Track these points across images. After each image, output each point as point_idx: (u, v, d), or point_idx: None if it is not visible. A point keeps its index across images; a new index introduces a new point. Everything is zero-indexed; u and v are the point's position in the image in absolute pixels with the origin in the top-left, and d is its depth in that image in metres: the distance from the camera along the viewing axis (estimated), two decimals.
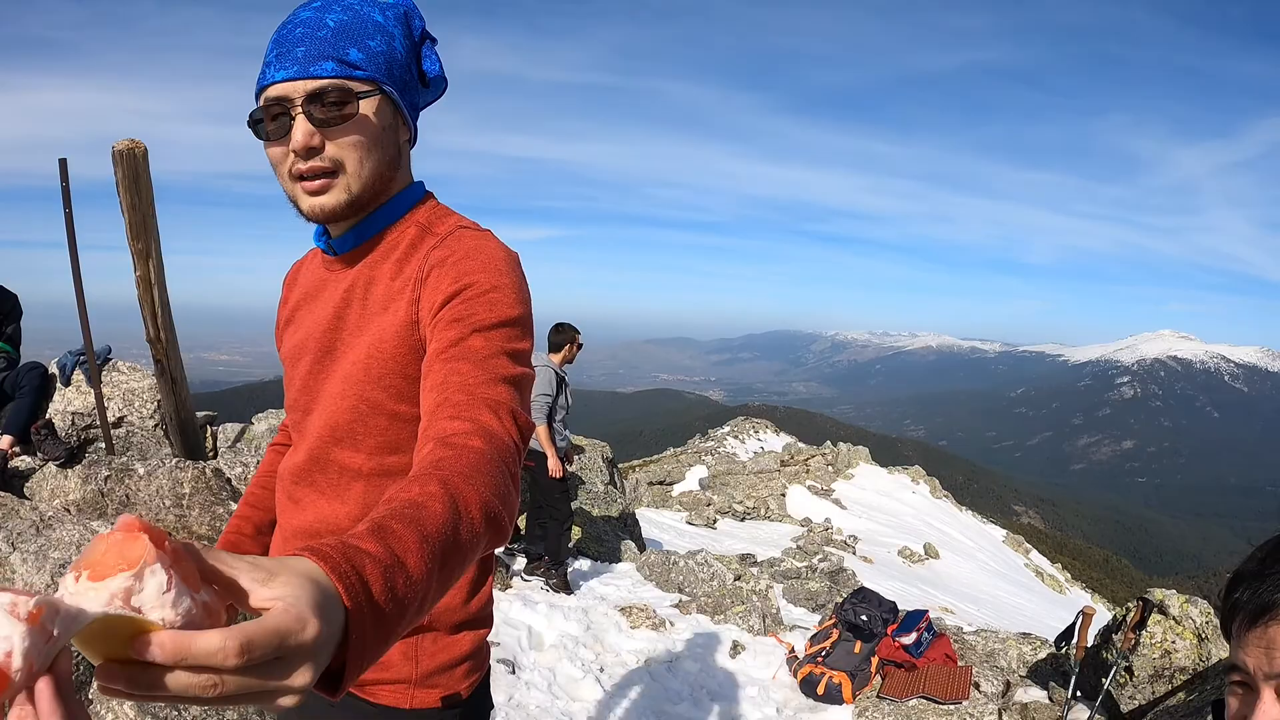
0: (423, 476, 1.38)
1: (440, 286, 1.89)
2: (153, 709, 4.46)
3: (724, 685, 7.36)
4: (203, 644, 0.85)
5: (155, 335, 7.18)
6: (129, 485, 6.69)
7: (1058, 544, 79.90)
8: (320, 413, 2.09)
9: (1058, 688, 6.97)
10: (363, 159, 1.91)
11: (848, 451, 30.72)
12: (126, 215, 6.72)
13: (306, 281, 2.23)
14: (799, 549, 18.42)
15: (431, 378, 1.78)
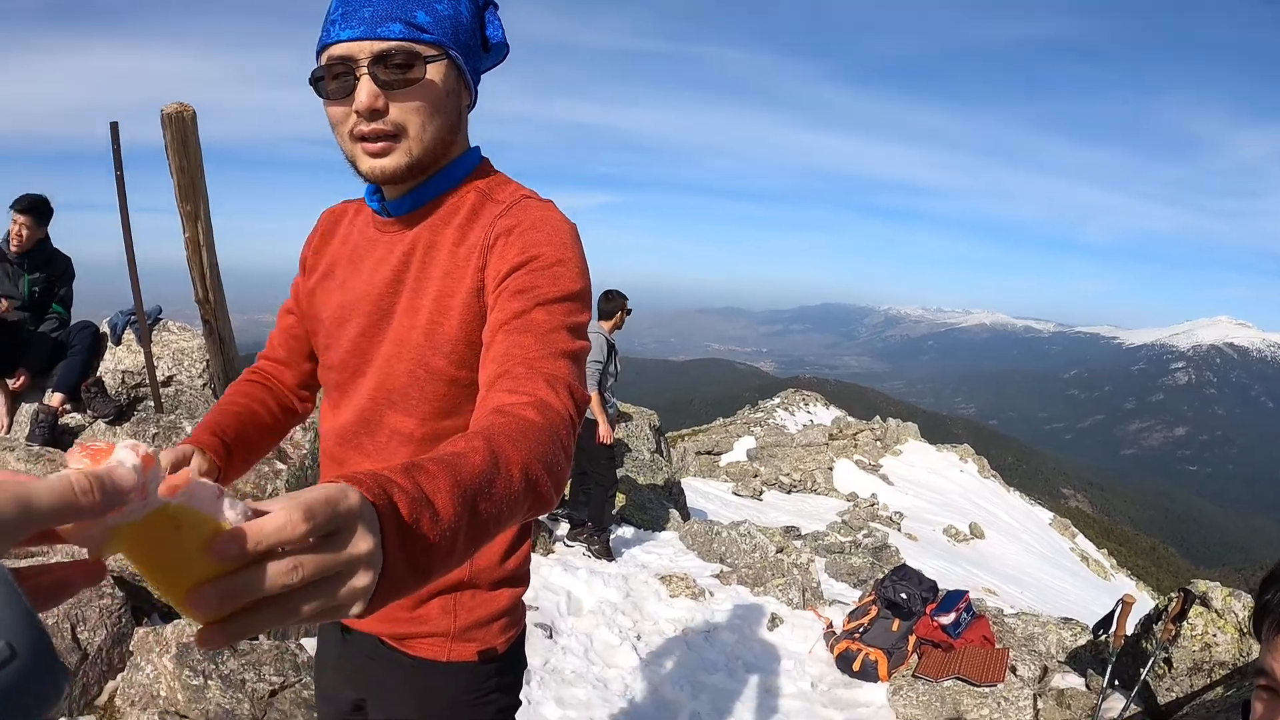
0: (469, 435, 1.43)
1: (506, 256, 1.92)
2: (191, 660, 4.57)
3: (760, 657, 7.42)
4: (272, 522, 0.90)
5: (204, 296, 7.24)
6: (176, 443, 6.77)
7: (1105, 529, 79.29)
8: (373, 375, 2.11)
9: (1095, 675, 6.94)
10: (425, 123, 1.91)
11: (897, 427, 30.55)
12: (175, 178, 6.76)
13: (352, 238, 2.22)
14: (844, 524, 18.38)
15: (493, 349, 1.82)
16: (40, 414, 7.19)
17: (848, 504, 21.94)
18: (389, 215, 2.10)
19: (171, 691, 4.50)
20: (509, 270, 1.90)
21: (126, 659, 4.89)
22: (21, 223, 7.65)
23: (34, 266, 7.87)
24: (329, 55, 1.86)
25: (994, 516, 24.66)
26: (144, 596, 5.47)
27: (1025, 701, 6.53)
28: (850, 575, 11.83)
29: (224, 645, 0.93)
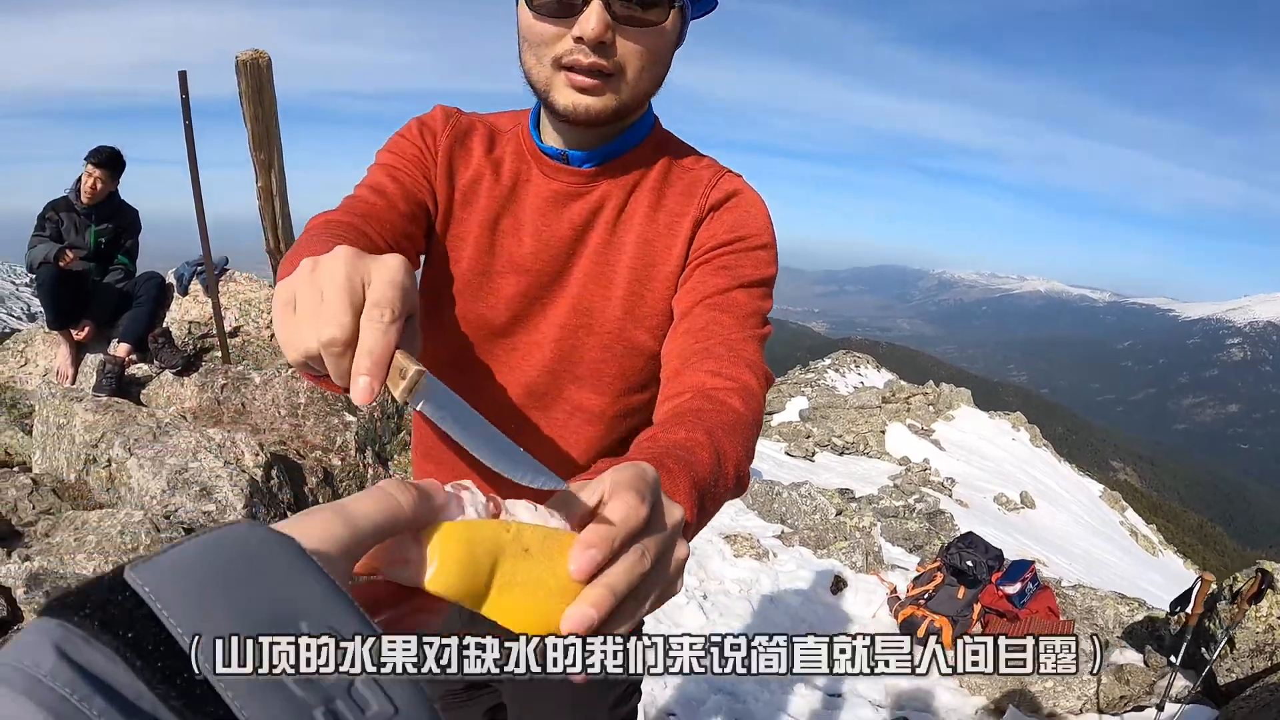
0: (687, 422, 1.38)
1: (715, 231, 1.83)
2: None
3: (824, 620, 7.40)
4: (617, 514, 0.84)
5: (275, 246, 7.23)
6: (245, 394, 6.80)
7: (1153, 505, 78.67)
8: (546, 346, 1.92)
9: (1153, 652, 6.86)
10: (644, 69, 1.71)
11: (950, 393, 30.36)
12: (249, 126, 6.74)
13: (507, 168, 1.93)
14: (896, 488, 18.30)
15: (690, 321, 1.74)
16: (106, 364, 7.22)
17: (900, 468, 21.84)
18: (569, 163, 1.87)
19: None
20: (716, 245, 1.82)
21: None
22: (96, 175, 7.68)
23: (101, 218, 7.91)
24: None
25: (1045, 486, 24.49)
26: None
27: (1088, 675, 6.46)
28: (906, 540, 11.78)
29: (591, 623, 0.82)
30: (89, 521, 5.14)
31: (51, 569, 4.74)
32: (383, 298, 0.99)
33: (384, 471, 6.77)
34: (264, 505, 5.71)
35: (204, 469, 5.66)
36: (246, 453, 5.82)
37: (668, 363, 1.73)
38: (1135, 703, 6.40)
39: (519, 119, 1.97)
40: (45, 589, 4.60)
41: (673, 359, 1.71)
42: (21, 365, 8.24)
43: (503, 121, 2.00)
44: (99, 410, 6.22)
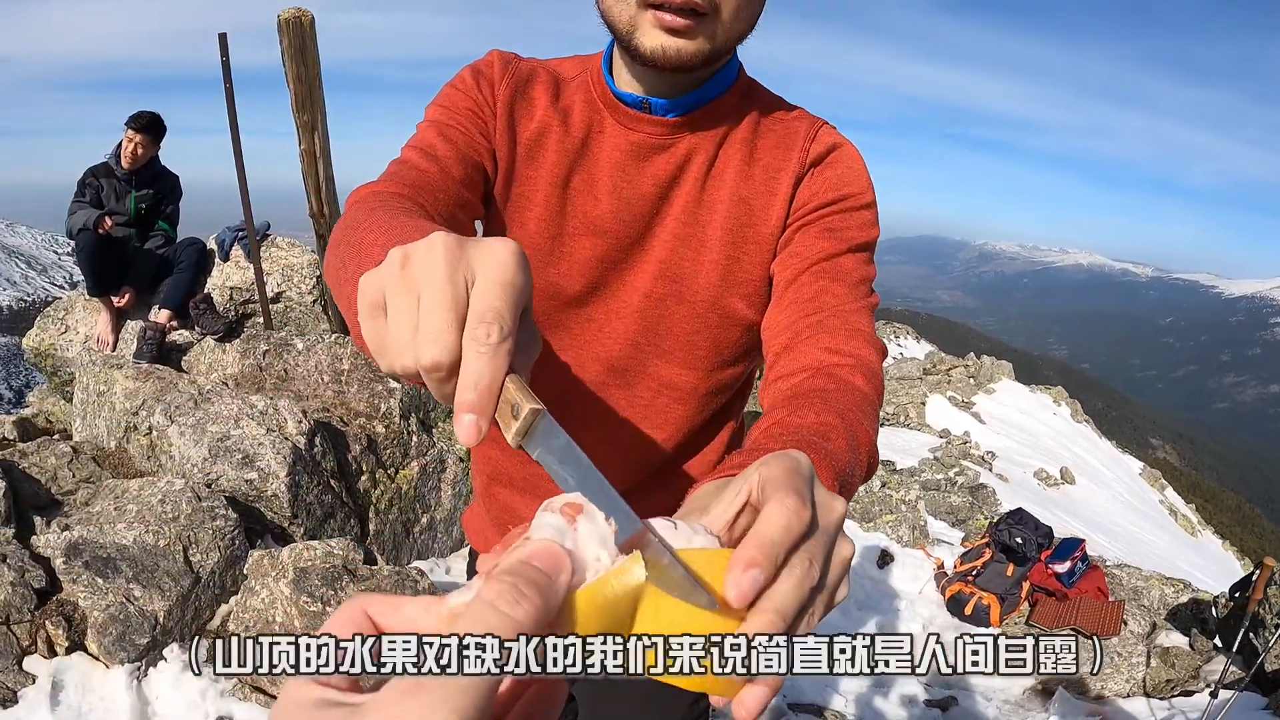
0: (815, 403, 1.25)
1: (818, 189, 1.65)
2: (310, 586, 4.51)
3: (871, 596, 7.34)
4: (776, 524, 0.70)
5: (318, 210, 7.15)
6: (287, 360, 6.75)
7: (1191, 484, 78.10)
8: (629, 316, 1.75)
9: (1199, 635, 6.78)
10: (741, 9, 1.51)
11: (990, 365, 30.23)
12: (292, 87, 6.63)
13: (577, 118, 1.73)
14: (936, 460, 18.23)
15: (797, 290, 1.58)
16: (147, 331, 7.19)
17: (940, 440, 21.78)
18: (650, 111, 1.67)
19: (288, 617, 4.44)
20: (820, 205, 1.64)
21: (240, 583, 4.86)
22: (137, 141, 7.65)
23: (141, 184, 7.87)
24: None
25: (1085, 463, 24.36)
26: (257, 517, 5.45)
27: (1138, 658, 6.42)
28: (949, 514, 11.70)
29: (765, 706, 0.70)
30: (129, 490, 5.09)
31: (91, 538, 4.70)
32: (489, 309, 0.79)
33: (429, 439, 6.71)
34: (307, 473, 5.66)
35: (246, 436, 5.61)
36: (289, 420, 5.76)
37: (775, 336, 1.56)
38: (1182, 687, 6.32)
39: (586, 64, 1.78)
40: (84, 559, 4.55)
41: (780, 333, 1.54)
42: (62, 332, 8.22)
43: (567, 67, 1.81)
44: (139, 377, 6.18)
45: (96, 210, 7.54)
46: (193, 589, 4.66)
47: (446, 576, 6.26)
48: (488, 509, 2.07)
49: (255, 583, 4.68)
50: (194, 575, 4.71)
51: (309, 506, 5.66)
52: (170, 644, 4.50)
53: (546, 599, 0.62)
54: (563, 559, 0.65)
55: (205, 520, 4.92)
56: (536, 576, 0.63)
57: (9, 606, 4.27)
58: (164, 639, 4.47)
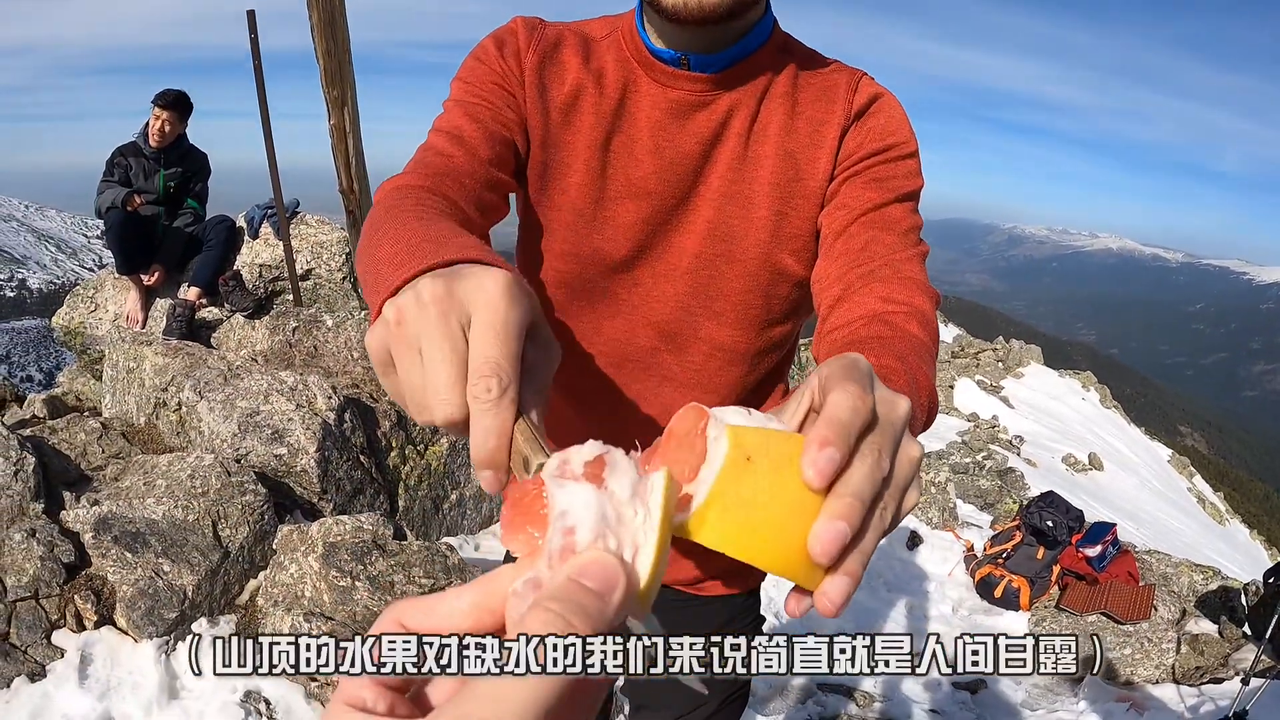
0: (873, 348, 1.21)
1: (864, 140, 1.61)
2: (339, 561, 4.51)
3: (900, 578, 7.34)
4: (843, 408, 0.72)
5: (348, 186, 7.18)
6: (317, 337, 6.77)
7: (1219, 472, 77.70)
8: (679, 276, 1.72)
9: (1228, 623, 6.71)
10: None
11: (1019, 349, 30.18)
12: (321, 61, 6.65)
13: (610, 77, 1.68)
14: (964, 444, 18.21)
15: (847, 241, 1.54)
16: (177, 308, 7.25)
17: (968, 424, 21.75)
18: (689, 68, 1.62)
19: (317, 592, 4.45)
20: (866, 155, 1.60)
21: (269, 557, 4.87)
22: (164, 118, 7.70)
23: (170, 162, 7.93)
24: None
25: (1113, 449, 24.28)
26: (286, 493, 5.46)
27: (1168, 644, 6.39)
28: (978, 497, 11.68)
29: (848, 599, 0.71)
30: (158, 465, 5.11)
31: (120, 513, 4.71)
32: (485, 362, 0.80)
33: None
34: (336, 449, 5.68)
35: (275, 412, 5.62)
36: (319, 395, 5.78)
37: (826, 288, 1.52)
38: (1211, 674, 6.28)
39: (616, 23, 1.74)
40: (113, 533, 4.57)
41: (832, 284, 1.50)
42: (91, 311, 8.28)
43: (595, 28, 1.76)
44: (169, 353, 6.21)
45: (125, 189, 7.59)
46: (222, 563, 4.67)
47: (475, 553, 6.28)
48: None
49: (284, 557, 4.68)
50: (223, 550, 4.72)
51: (338, 482, 5.67)
52: (199, 618, 4.52)
53: (598, 625, 0.59)
54: (617, 575, 0.62)
55: (234, 495, 4.93)
56: (588, 603, 0.60)
57: (38, 581, 4.30)
58: (193, 613, 4.49)
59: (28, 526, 4.48)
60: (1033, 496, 8.79)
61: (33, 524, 4.51)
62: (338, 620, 4.32)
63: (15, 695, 3.99)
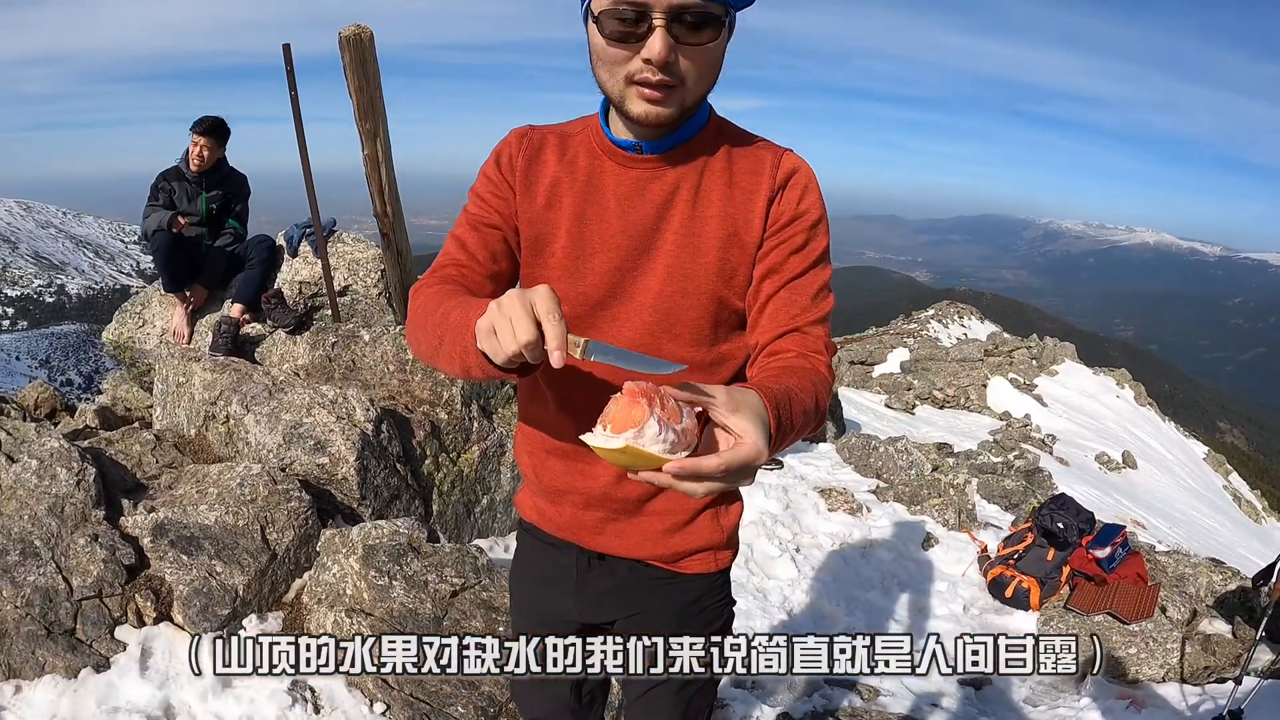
0: (797, 374, 1.99)
1: (785, 208, 2.17)
2: (377, 562, 4.80)
3: (914, 577, 7.53)
4: (705, 465, 1.53)
5: (382, 210, 7.44)
6: (355, 351, 7.04)
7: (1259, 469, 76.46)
8: (645, 310, 2.21)
9: (1242, 624, 6.80)
10: (702, 77, 2.03)
11: (1054, 347, 29.98)
12: (354, 98, 6.92)
13: (581, 167, 2.25)
14: (996, 443, 18.18)
15: (779, 301, 2.18)
16: (222, 325, 7.47)
17: (1000, 423, 21.70)
18: (643, 153, 2.18)
19: (357, 590, 4.76)
20: (788, 221, 2.17)
21: (313, 559, 5.18)
22: (202, 144, 7.94)
23: (211, 185, 8.19)
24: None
25: (1147, 446, 24.13)
26: (328, 499, 5.76)
27: (1173, 644, 6.47)
28: (1003, 498, 11.76)
29: None
30: (210, 474, 5.43)
31: (175, 519, 5.04)
32: (549, 308, 1.60)
33: (489, 424, 7.00)
34: (374, 458, 5.97)
35: (318, 424, 5.92)
36: (358, 408, 6.06)
37: (759, 339, 2.20)
38: (1219, 674, 6.37)
39: (588, 122, 2.30)
40: (170, 538, 4.90)
41: (767, 327, 2.19)
42: (139, 326, 8.55)
43: (572, 127, 2.33)
44: (217, 369, 6.50)
45: (169, 211, 7.86)
46: (270, 564, 5.01)
47: (505, 554, 6.51)
48: (539, 480, 2.51)
49: (327, 559, 5.00)
50: (271, 552, 5.05)
51: (376, 489, 5.98)
52: (249, 615, 4.85)
53: None
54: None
55: (281, 502, 5.26)
56: None
57: (102, 581, 4.64)
58: (243, 610, 4.84)
59: (90, 532, 4.82)
60: (1046, 499, 8.94)
61: (95, 529, 4.85)
62: (376, 616, 4.62)
63: (83, 685, 4.34)
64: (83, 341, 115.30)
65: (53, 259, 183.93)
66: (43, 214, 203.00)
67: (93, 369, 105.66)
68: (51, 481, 4.99)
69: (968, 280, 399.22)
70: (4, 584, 4.54)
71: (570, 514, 2.47)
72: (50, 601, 4.54)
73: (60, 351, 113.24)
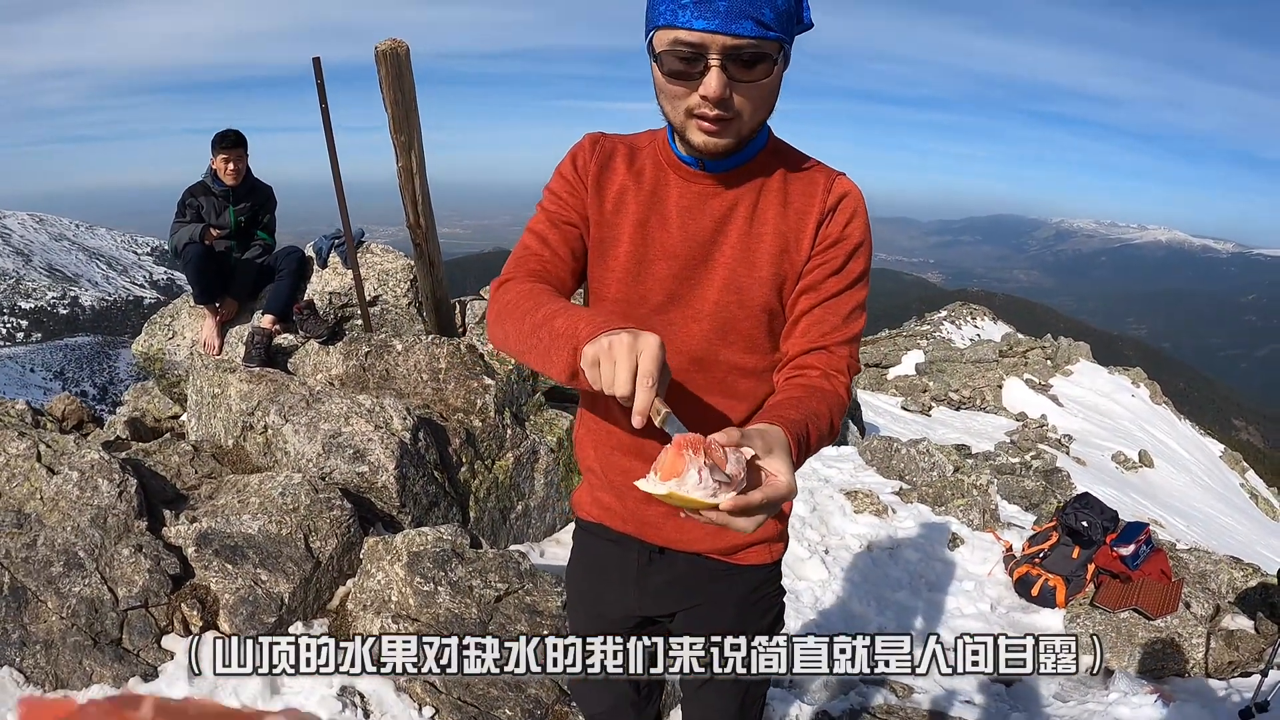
0: (817, 396, 2.16)
1: (833, 230, 2.28)
2: (422, 568, 4.88)
3: (941, 577, 7.59)
4: (752, 500, 1.68)
5: (415, 221, 7.54)
6: (388, 361, 7.10)
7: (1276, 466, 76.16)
8: (702, 317, 2.33)
9: (1265, 619, 6.86)
10: (758, 110, 2.12)
11: (1068, 346, 30.01)
12: (390, 110, 7.01)
13: (648, 178, 2.36)
14: (1012, 444, 18.24)
15: (813, 315, 2.30)
16: (255, 335, 7.51)
17: (1016, 424, 21.74)
18: (705, 169, 2.29)
19: (403, 597, 4.85)
20: (833, 242, 2.28)
21: (356, 566, 5.27)
22: (233, 156, 8.04)
23: (238, 197, 8.29)
24: (678, 39, 1.99)
25: (1164, 445, 24.15)
26: (368, 507, 5.84)
27: (1198, 639, 6.53)
28: (1023, 498, 11.82)
29: None
30: (250, 484, 5.52)
31: (218, 529, 5.13)
32: (646, 372, 1.71)
33: (521, 431, 7.07)
34: (413, 466, 6.03)
35: (356, 433, 5.99)
36: (395, 417, 6.13)
37: (789, 351, 2.34)
38: (1243, 669, 6.42)
39: (655, 136, 2.41)
40: (214, 547, 4.99)
41: (797, 339, 2.33)
42: (170, 338, 8.64)
43: (641, 140, 2.45)
44: (253, 380, 6.58)
45: (200, 224, 7.95)
46: (314, 572, 5.09)
47: (540, 559, 6.61)
48: (605, 474, 2.62)
49: (371, 566, 5.08)
50: (314, 560, 5.13)
51: (415, 496, 6.06)
52: (295, 622, 4.93)
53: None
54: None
55: (323, 510, 5.34)
56: None
57: (147, 591, 4.72)
58: (289, 617, 4.91)
59: (134, 542, 4.89)
60: (1070, 497, 8.99)
61: (139, 540, 4.92)
62: (422, 622, 4.70)
63: None
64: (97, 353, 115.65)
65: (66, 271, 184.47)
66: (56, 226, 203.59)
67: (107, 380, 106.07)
68: (94, 493, 5.06)
69: (980, 281, 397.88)
70: (49, 595, 4.61)
71: (634, 508, 2.57)
72: (96, 612, 4.60)
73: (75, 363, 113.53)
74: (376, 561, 5.07)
